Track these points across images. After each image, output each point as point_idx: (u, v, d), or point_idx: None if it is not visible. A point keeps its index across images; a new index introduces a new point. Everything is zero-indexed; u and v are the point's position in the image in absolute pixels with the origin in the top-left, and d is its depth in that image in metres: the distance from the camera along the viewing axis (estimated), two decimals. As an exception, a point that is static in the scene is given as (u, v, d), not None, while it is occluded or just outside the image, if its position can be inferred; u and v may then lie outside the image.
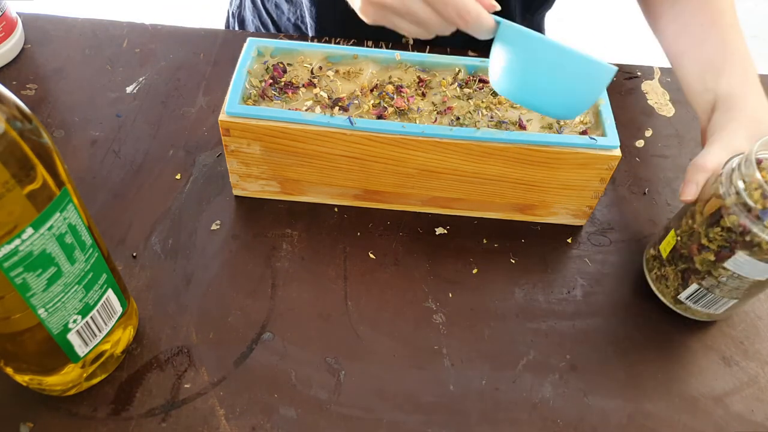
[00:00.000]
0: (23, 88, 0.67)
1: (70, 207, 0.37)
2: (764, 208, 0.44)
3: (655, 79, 0.76)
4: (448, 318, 0.53)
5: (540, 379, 0.50)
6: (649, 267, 0.55)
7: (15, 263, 0.34)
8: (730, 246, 0.46)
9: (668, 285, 0.53)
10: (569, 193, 0.56)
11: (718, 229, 0.47)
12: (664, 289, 0.53)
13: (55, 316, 0.39)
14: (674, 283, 0.52)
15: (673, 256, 0.52)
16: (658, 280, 0.54)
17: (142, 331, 0.50)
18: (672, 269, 0.52)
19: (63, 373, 0.43)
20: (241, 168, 0.56)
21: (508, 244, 0.58)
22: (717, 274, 0.48)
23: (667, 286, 0.53)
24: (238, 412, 0.46)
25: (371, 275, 0.55)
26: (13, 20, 0.69)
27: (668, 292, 0.53)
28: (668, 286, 0.53)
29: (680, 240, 0.51)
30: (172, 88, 0.69)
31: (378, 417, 0.47)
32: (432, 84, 0.57)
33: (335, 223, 0.58)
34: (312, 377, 0.48)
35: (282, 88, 0.55)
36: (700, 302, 0.51)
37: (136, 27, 0.75)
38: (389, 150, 0.53)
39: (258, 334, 0.50)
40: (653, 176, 0.65)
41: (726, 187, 0.46)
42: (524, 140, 0.52)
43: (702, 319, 0.53)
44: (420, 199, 0.58)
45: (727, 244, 0.46)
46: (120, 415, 0.45)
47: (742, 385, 0.51)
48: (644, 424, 0.48)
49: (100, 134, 0.64)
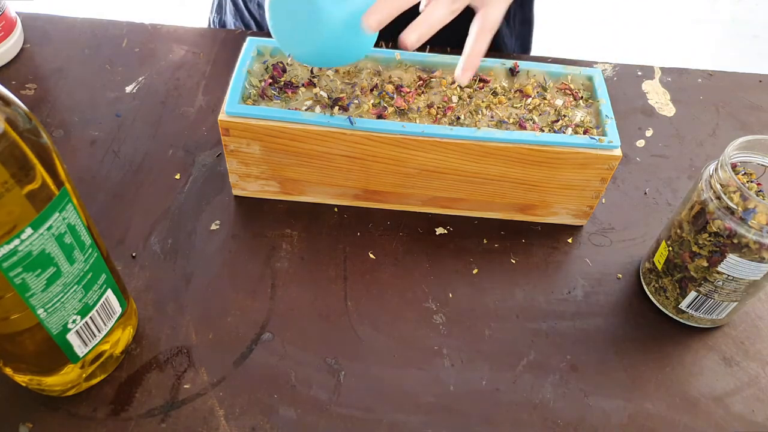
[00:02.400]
0: (22, 87, 0.67)
1: (69, 207, 0.37)
2: (746, 209, 0.45)
3: (655, 79, 0.76)
4: (448, 318, 0.53)
5: (540, 379, 0.50)
6: (647, 281, 0.55)
7: (14, 263, 0.34)
8: (720, 250, 0.47)
9: (668, 296, 0.53)
10: (570, 193, 0.56)
11: (706, 235, 0.47)
12: (665, 301, 0.53)
13: (55, 317, 0.39)
14: (673, 294, 0.52)
15: (668, 267, 0.52)
16: (657, 293, 0.54)
17: (141, 332, 0.50)
18: (669, 280, 0.52)
19: (62, 373, 0.43)
20: (240, 168, 0.56)
21: (509, 244, 0.58)
22: (713, 279, 0.48)
23: (667, 297, 0.53)
24: (238, 413, 0.46)
25: (371, 275, 0.55)
26: (12, 20, 0.69)
27: (669, 303, 0.53)
28: (668, 297, 0.53)
29: (672, 250, 0.51)
30: (172, 88, 0.69)
31: (378, 417, 0.47)
32: (432, 84, 0.57)
33: (335, 223, 0.58)
34: (312, 377, 0.48)
35: (282, 88, 0.55)
36: (701, 309, 0.51)
37: (136, 27, 0.75)
38: (389, 150, 0.53)
39: (258, 335, 0.50)
40: (653, 176, 0.65)
41: (707, 193, 0.47)
42: (524, 140, 0.52)
43: (706, 326, 0.53)
44: (420, 199, 0.58)
45: (717, 248, 0.47)
46: (119, 416, 0.45)
47: (742, 386, 0.51)
48: (645, 425, 0.48)
49: (100, 134, 0.64)
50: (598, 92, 0.57)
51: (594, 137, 0.53)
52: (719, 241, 0.46)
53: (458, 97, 0.56)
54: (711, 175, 0.47)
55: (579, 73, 0.58)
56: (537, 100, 0.56)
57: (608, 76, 0.76)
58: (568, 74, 0.58)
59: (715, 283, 0.48)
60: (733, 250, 0.46)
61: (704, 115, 0.73)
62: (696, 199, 0.48)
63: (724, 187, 0.46)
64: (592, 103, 0.57)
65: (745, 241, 0.45)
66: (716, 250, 0.47)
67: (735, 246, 0.46)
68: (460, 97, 0.56)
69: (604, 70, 0.76)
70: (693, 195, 0.49)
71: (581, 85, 0.59)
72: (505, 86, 0.57)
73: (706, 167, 0.48)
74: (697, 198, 0.48)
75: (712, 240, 0.47)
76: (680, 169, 0.66)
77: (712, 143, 0.70)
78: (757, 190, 0.49)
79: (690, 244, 0.49)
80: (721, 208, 0.46)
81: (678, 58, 0.77)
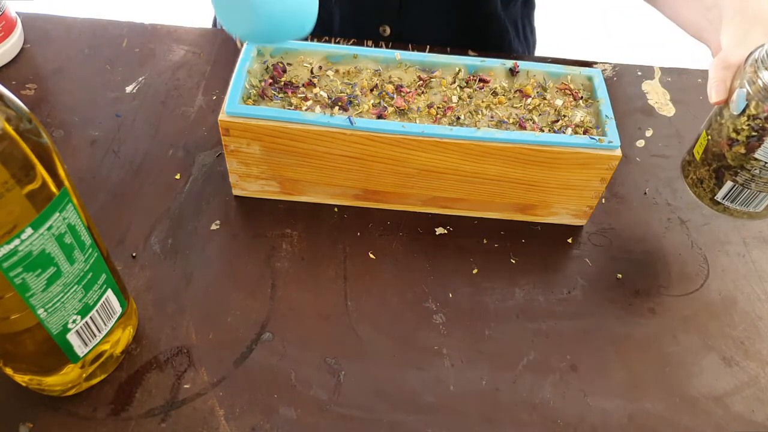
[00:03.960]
0: (23, 87, 0.67)
1: (69, 207, 0.37)
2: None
3: (655, 79, 0.76)
4: (448, 318, 0.53)
5: (540, 379, 0.50)
6: (685, 173, 0.55)
7: (14, 263, 0.34)
8: (759, 134, 0.46)
9: (704, 187, 0.52)
10: (570, 193, 0.56)
11: (744, 119, 0.47)
12: (702, 192, 0.53)
13: (55, 317, 0.39)
14: (710, 184, 0.52)
15: (707, 156, 0.51)
16: (694, 185, 0.54)
17: (141, 332, 0.50)
18: (706, 170, 0.52)
19: (62, 373, 0.43)
20: (240, 168, 0.56)
21: (509, 244, 0.58)
22: (750, 166, 0.48)
23: (704, 189, 0.53)
24: (238, 413, 0.46)
25: (371, 275, 0.55)
26: (12, 20, 0.69)
27: (705, 194, 0.53)
28: (705, 188, 0.52)
29: (711, 139, 0.51)
30: (172, 88, 0.69)
31: (378, 417, 0.47)
32: (432, 84, 0.57)
33: (335, 223, 0.58)
34: (312, 377, 0.48)
35: (282, 88, 0.55)
36: (737, 200, 0.51)
37: (136, 27, 0.75)
38: (389, 150, 0.53)
39: (258, 335, 0.50)
40: (653, 176, 0.65)
41: (750, 75, 0.47)
42: (524, 140, 0.52)
43: (743, 218, 0.53)
44: (420, 199, 0.58)
45: (755, 132, 0.47)
46: (119, 416, 0.45)
47: (742, 386, 0.51)
48: (644, 425, 0.48)
49: (100, 134, 0.64)
50: (598, 92, 0.57)
51: (594, 137, 0.53)
52: (757, 124, 0.46)
53: (458, 97, 0.56)
54: (756, 60, 0.47)
55: (579, 73, 0.58)
56: (537, 100, 0.56)
57: (608, 76, 0.76)
58: (568, 74, 0.58)
59: (752, 171, 0.48)
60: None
61: (704, 115, 0.72)
62: (738, 83, 0.48)
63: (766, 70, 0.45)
64: (592, 103, 0.57)
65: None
66: (754, 134, 0.47)
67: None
68: (460, 97, 0.56)
69: (604, 70, 0.76)
70: (735, 81, 0.48)
71: (581, 85, 0.59)
72: (505, 86, 0.57)
73: (752, 53, 0.48)
74: (740, 83, 0.48)
75: (750, 124, 0.47)
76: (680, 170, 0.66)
77: (712, 143, 0.70)
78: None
79: (728, 130, 0.48)
80: (763, 90, 0.45)
81: (678, 58, 0.77)
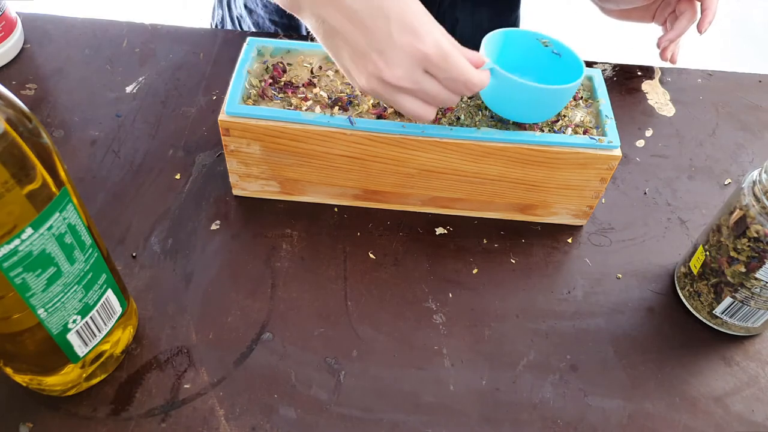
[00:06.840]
0: (23, 87, 0.67)
1: (69, 207, 0.37)
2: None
3: (655, 79, 0.76)
4: (448, 318, 0.53)
5: (540, 379, 0.50)
6: (681, 285, 0.55)
7: (14, 263, 0.34)
8: (759, 255, 0.47)
9: (702, 301, 0.53)
10: (569, 193, 0.56)
11: (745, 240, 0.47)
12: (699, 305, 0.53)
13: (55, 317, 0.39)
14: (708, 298, 0.52)
15: (704, 271, 0.52)
16: (691, 297, 0.54)
17: (141, 332, 0.50)
18: (704, 284, 0.52)
19: (63, 373, 0.43)
20: (240, 168, 0.56)
21: (508, 244, 0.58)
22: (750, 285, 0.48)
23: (702, 302, 0.53)
24: (238, 413, 0.46)
25: (371, 275, 0.55)
26: (12, 20, 0.69)
27: (703, 307, 0.53)
28: (702, 302, 0.53)
29: (709, 254, 0.51)
30: (172, 88, 0.69)
31: (378, 417, 0.47)
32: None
33: (335, 223, 0.58)
34: (312, 377, 0.48)
35: (282, 88, 0.55)
36: (736, 316, 0.51)
37: (136, 27, 0.75)
38: (389, 150, 0.53)
39: (258, 335, 0.50)
40: (653, 176, 0.65)
41: (749, 198, 0.47)
42: (524, 140, 0.52)
43: (740, 333, 0.53)
44: (420, 199, 0.58)
45: (756, 254, 0.47)
46: (120, 416, 0.45)
47: (742, 385, 0.51)
48: (644, 425, 0.48)
49: (100, 134, 0.64)
50: (598, 92, 0.57)
51: (594, 137, 0.53)
52: (758, 246, 0.46)
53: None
54: (754, 181, 0.47)
55: (579, 73, 0.58)
56: (537, 100, 0.56)
57: (608, 76, 0.76)
58: (568, 74, 0.58)
59: (752, 289, 0.48)
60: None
61: (704, 115, 0.73)
62: (737, 204, 0.48)
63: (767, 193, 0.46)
64: (591, 103, 0.57)
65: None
66: (755, 255, 0.47)
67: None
68: (460, 97, 0.56)
69: (604, 70, 0.76)
70: (734, 200, 0.49)
71: (581, 85, 0.59)
72: (505, 86, 0.57)
73: (750, 173, 0.49)
74: (738, 203, 0.48)
75: (751, 245, 0.47)
76: (680, 169, 0.66)
77: (712, 143, 0.70)
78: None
79: (728, 248, 0.49)
80: (763, 213, 0.46)
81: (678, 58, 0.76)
